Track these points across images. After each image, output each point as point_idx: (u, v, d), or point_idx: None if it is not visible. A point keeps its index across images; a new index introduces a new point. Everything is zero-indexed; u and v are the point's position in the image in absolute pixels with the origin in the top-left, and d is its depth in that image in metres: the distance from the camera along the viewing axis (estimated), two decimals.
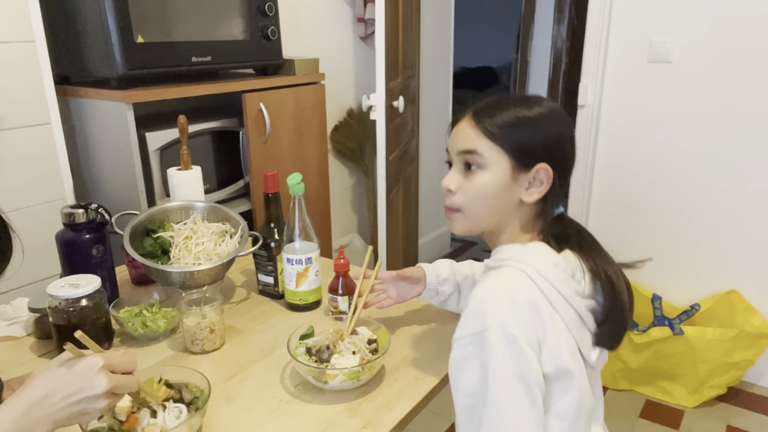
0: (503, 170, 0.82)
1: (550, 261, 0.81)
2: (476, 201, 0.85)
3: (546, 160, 0.82)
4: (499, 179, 0.83)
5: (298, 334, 1.03)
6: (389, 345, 0.98)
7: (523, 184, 0.83)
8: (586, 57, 2.35)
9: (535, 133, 0.83)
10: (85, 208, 1.15)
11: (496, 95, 0.89)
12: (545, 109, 0.84)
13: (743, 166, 2.14)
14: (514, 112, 0.83)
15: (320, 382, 0.95)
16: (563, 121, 0.86)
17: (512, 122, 0.83)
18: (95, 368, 0.69)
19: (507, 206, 0.85)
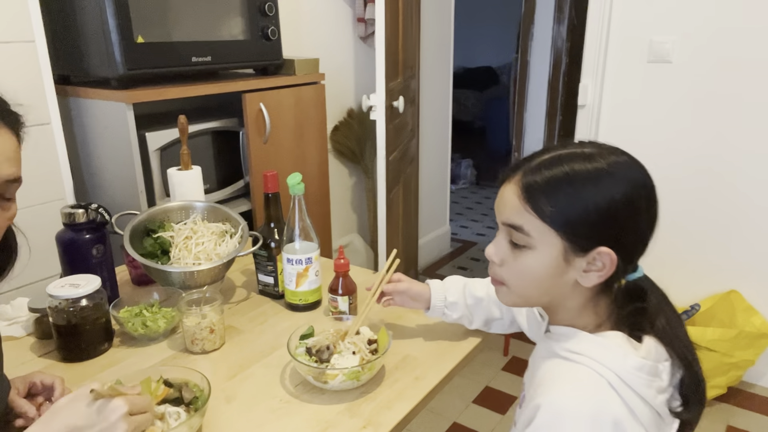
0: (554, 253, 0.72)
1: (633, 363, 0.69)
2: (522, 280, 0.76)
3: (607, 242, 0.70)
4: (548, 262, 0.72)
5: (298, 334, 1.03)
6: (389, 345, 0.98)
7: (580, 266, 0.72)
8: (586, 57, 2.35)
9: (594, 209, 0.69)
10: (85, 208, 1.15)
11: (549, 151, 0.75)
12: (609, 170, 0.70)
13: (743, 165, 2.14)
14: (567, 182, 0.70)
15: (320, 382, 0.95)
16: (634, 181, 0.71)
17: (565, 197, 0.70)
18: (118, 413, 0.72)
19: (561, 287, 0.74)
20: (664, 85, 2.22)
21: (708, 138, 2.18)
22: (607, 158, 0.72)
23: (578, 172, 0.71)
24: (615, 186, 0.70)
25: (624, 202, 0.70)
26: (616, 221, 0.70)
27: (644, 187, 0.72)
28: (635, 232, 0.72)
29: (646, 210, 0.72)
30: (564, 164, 0.71)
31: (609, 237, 0.70)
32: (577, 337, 0.73)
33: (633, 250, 0.73)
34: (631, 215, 0.71)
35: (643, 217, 0.72)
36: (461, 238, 3.95)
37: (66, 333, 1.03)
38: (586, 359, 0.70)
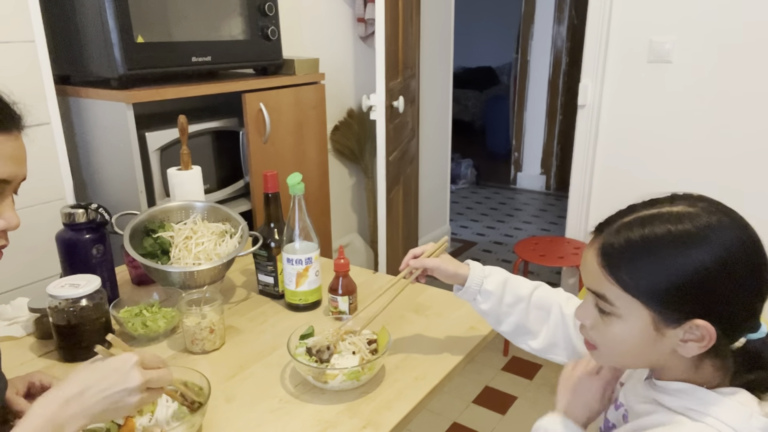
0: (643, 323, 0.66)
1: (758, 425, 0.63)
2: (614, 348, 0.71)
3: (702, 313, 0.63)
4: (638, 333, 0.67)
5: (298, 334, 1.03)
6: (389, 345, 0.98)
7: (675, 337, 0.66)
8: (586, 57, 2.35)
9: (681, 279, 0.63)
10: (85, 208, 1.15)
11: (635, 210, 0.68)
12: (698, 233, 0.63)
13: (743, 165, 2.14)
14: (648, 249, 0.64)
15: (320, 382, 0.95)
16: (730, 244, 0.63)
17: (647, 265, 0.64)
18: (129, 363, 0.72)
19: (660, 354, 0.68)
20: (664, 85, 2.22)
21: (708, 138, 2.18)
22: (698, 219, 0.65)
23: (661, 236, 0.64)
24: (705, 252, 0.63)
25: (718, 270, 0.63)
26: (710, 292, 0.63)
27: (745, 250, 0.64)
28: (736, 300, 0.64)
29: (750, 275, 0.64)
30: (646, 227, 0.66)
31: (703, 308, 0.64)
32: (696, 395, 0.67)
33: (735, 319, 0.65)
34: (729, 283, 0.63)
35: (746, 282, 0.64)
36: (461, 238, 3.95)
37: (66, 333, 1.03)
38: (708, 418, 0.64)
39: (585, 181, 2.48)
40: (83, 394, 0.69)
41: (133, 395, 0.71)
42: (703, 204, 0.67)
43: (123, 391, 0.70)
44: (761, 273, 0.65)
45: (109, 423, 0.81)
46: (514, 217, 4.40)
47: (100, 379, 0.70)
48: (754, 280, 0.65)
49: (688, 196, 0.69)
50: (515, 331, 0.98)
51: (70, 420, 0.67)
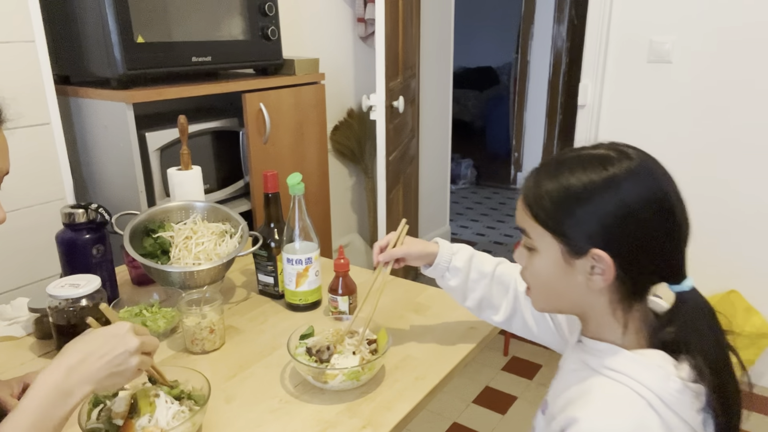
0: (554, 255, 0.72)
1: (675, 387, 0.67)
2: (537, 283, 0.77)
3: (603, 246, 0.68)
4: (552, 265, 0.72)
5: (298, 334, 1.03)
6: (389, 345, 0.98)
7: (583, 269, 0.70)
8: (586, 57, 2.35)
9: (581, 212, 0.68)
10: (85, 208, 1.15)
11: (560, 155, 0.74)
12: (605, 175, 0.68)
13: (743, 165, 2.14)
14: (561, 185, 0.70)
15: (320, 382, 0.95)
16: (635, 189, 0.68)
17: (557, 200, 0.70)
18: (125, 328, 0.75)
19: (576, 291, 0.72)
20: (664, 85, 2.22)
21: (708, 138, 2.18)
22: (609, 160, 0.69)
23: (569, 171, 0.70)
24: (607, 187, 0.68)
25: (616, 205, 0.67)
26: (608, 225, 0.68)
27: (650, 196, 0.68)
28: (638, 240, 0.68)
29: (658, 220, 0.68)
30: (559, 167, 0.71)
31: (603, 241, 0.68)
32: (616, 355, 0.71)
33: (638, 259, 0.69)
34: (627, 220, 0.67)
35: (649, 226, 0.68)
36: (461, 238, 3.95)
37: (66, 333, 1.03)
38: (625, 378, 0.68)
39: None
40: (85, 361, 0.70)
41: (134, 357, 0.74)
42: (621, 150, 0.71)
43: (124, 353, 0.73)
44: (671, 220, 0.69)
45: (108, 424, 0.81)
46: (514, 217, 4.38)
47: (100, 345, 0.72)
48: (662, 224, 0.68)
49: (615, 144, 0.73)
50: (479, 305, 1.03)
51: (77, 386, 0.69)
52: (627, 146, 0.73)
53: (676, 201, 0.70)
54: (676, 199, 0.70)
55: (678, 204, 0.70)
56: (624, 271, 0.69)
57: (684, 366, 0.69)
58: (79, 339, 0.74)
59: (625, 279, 0.69)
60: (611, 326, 0.73)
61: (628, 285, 0.70)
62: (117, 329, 0.75)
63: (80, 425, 0.80)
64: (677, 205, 0.70)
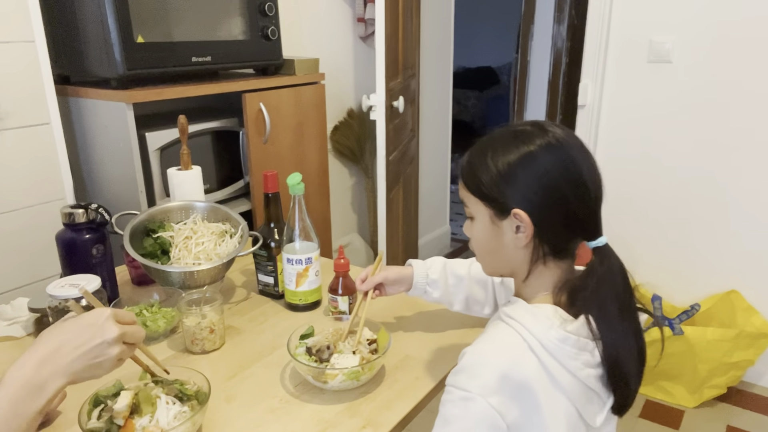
0: (486, 219, 0.81)
1: (556, 335, 0.74)
2: (479, 248, 0.86)
3: (521, 205, 0.77)
4: (484, 227, 0.82)
5: (298, 334, 1.03)
6: (389, 345, 0.98)
7: (509, 229, 0.79)
8: (586, 57, 2.35)
9: (497, 174, 0.78)
10: (85, 208, 1.15)
11: (491, 132, 0.84)
12: (525, 147, 0.77)
13: (743, 165, 2.14)
14: (482, 153, 0.80)
15: (320, 382, 0.95)
16: (550, 156, 0.77)
17: (478, 166, 0.80)
18: (104, 316, 0.70)
19: (508, 251, 0.81)
20: (664, 85, 2.22)
21: (708, 138, 2.18)
22: (527, 137, 0.78)
23: (492, 142, 0.81)
24: (526, 160, 0.77)
25: (533, 175, 0.76)
26: (526, 190, 0.77)
27: (561, 166, 0.77)
28: (551, 201, 0.76)
29: (569, 185, 0.76)
30: (487, 143, 0.81)
31: (522, 203, 0.77)
32: (515, 304, 0.80)
33: (552, 217, 0.77)
34: (543, 187, 0.76)
35: (561, 190, 0.76)
36: (461, 238, 3.95)
37: None
38: (515, 323, 0.77)
39: None
40: (58, 351, 0.66)
41: (113, 347, 0.69)
42: (544, 126, 0.80)
43: (101, 344, 0.68)
44: (576, 184, 0.77)
45: (109, 424, 0.81)
46: None
47: (75, 335, 0.68)
48: (569, 188, 0.76)
49: (538, 122, 0.82)
50: (466, 306, 1.10)
51: (49, 380, 0.64)
52: (549, 124, 0.82)
53: (586, 169, 0.78)
54: (587, 168, 0.78)
55: (589, 172, 0.78)
56: (541, 228, 0.77)
57: (577, 321, 0.77)
58: (55, 326, 0.69)
59: (543, 235, 0.78)
60: (529, 282, 0.82)
61: (548, 240, 0.79)
62: (95, 317, 0.70)
63: (80, 425, 0.80)
64: (587, 172, 0.78)
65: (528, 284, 0.83)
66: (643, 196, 2.36)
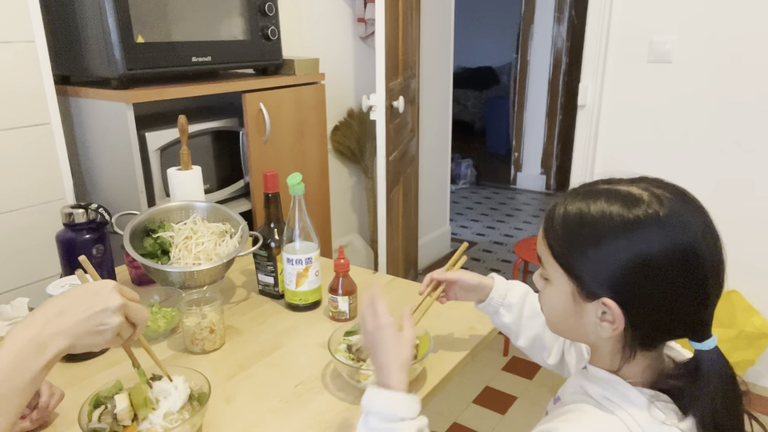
0: (565, 291, 0.68)
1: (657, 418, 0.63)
2: (549, 313, 0.75)
3: (613, 293, 0.63)
4: (562, 300, 0.69)
5: (342, 331, 1.03)
6: (428, 351, 0.96)
7: (593, 313, 0.66)
8: (586, 57, 2.35)
9: (597, 254, 0.63)
10: (85, 208, 1.15)
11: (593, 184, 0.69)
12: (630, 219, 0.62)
13: (743, 165, 2.14)
14: (579, 222, 0.65)
15: (354, 380, 0.95)
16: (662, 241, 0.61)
17: (572, 236, 0.66)
18: (108, 286, 0.72)
19: (587, 330, 0.68)
20: (664, 85, 2.22)
21: (708, 138, 2.18)
22: (634, 204, 0.63)
23: (594, 213, 0.65)
24: (626, 237, 0.62)
25: (634, 261, 0.62)
26: (621, 278, 0.63)
27: (674, 250, 0.61)
28: (653, 296, 0.63)
29: (680, 277, 0.62)
30: (587, 200, 0.66)
31: (614, 290, 0.63)
32: (618, 387, 0.67)
33: (652, 315, 0.64)
34: (646, 276, 0.62)
35: (669, 282, 0.62)
36: (461, 238, 3.95)
37: None
38: (619, 410, 0.64)
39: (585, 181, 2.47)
40: (63, 314, 0.68)
41: (115, 316, 0.70)
42: (659, 193, 0.64)
43: (105, 311, 0.70)
44: (696, 279, 0.62)
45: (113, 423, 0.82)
46: (514, 217, 4.40)
47: (80, 300, 0.69)
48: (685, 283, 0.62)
49: (655, 182, 0.67)
50: (532, 345, 0.98)
51: (52, 338, 0.66)
52: (668, 187, 0.67)
53: (707, 257, 0.62)
54: (707, 255, 0.62)
55: (709, 261, 0.63)
56: (634, 325, 0.64)
57: (688, 420, 0.64)
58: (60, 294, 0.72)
59: (635, 332, 0.65)
60: (617, 360, 0.69)
61: (639, 337, 0.66)
62: (100, 286, 0.72)
63: (81, 426, 0.80)
64: (707, 262, 0.62)
65: (611, 362, 0.70)
66: None
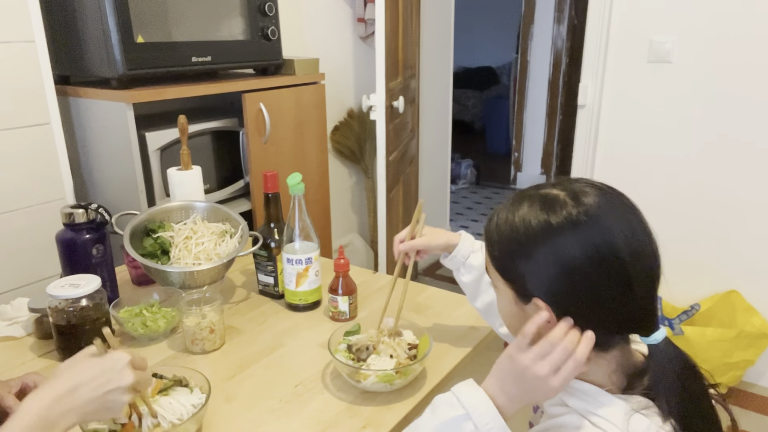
0: (508, 296, 0.70)
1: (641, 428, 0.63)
2: (501, 317, 0.76)
3: (544, 294, 0.65)
4: (508, 305, 0.71)
5: (342, 331, 1.04)
6: (428, 352, 0.96)
7: (533, 314, 0.68)
8: (586, 57, 2.35)
9: (526, 260, 0.65)
10: (85, 208, 1.15)
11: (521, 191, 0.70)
12: (546, 223, 0.64)
13: (743, 165, 2.14)
14: (507, 228, 0.67)
15: (354, 380, 0.95)
16: (577, 238, 0.62)
17: (501, 243, 0.68)
18: (123, 362, 0.72)
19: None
20: (664, 85, 2.22)
21: (708, 138, 2.18)
22: (552, 209, 0.64)
23: (517, 220, 0.67)
24: (550, 243, 0.63)
25: (557, 261, 0.63)
26: (549, 278, 0.64)
27: (592, 252, 0.62)
28: (580, 296, 0.64)
29: (602, 277, 0.63)
30: (513, 207, 0.68)
31: (544, 291, 0.65)
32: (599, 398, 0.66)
33: (583, 314, 0.64)
34: (570, 277, 0.63)
35: (593, 282, 0.63)
36: None
37: (66, 333, 1.03)
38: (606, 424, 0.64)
39: None
40: (76, 391, 0.67)
41: (126, 394, 0.71)
42: (579, 193, 0.65)
43: (117, 389, 0.70)
44: (613, 276, 0.62)
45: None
46: None
47: (93, 377, 0.69)
48: (604, 281, 0.63)
49: (576, 183, 0.67)
50: (487, 310, 1.02)
51: (62, 417, 0.66)
52: (587, 186, 0.67)
53: (629, 256, 0.62)
54: (629, 254, 0.62)
55: (633, 259, 0.63)
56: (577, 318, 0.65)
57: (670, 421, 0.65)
58: (76, 362, 0.71)
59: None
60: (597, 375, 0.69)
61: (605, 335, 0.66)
62: (115, 362, 0.71)
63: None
64: (631, 260, 0.62)
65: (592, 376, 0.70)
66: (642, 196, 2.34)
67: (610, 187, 0.68)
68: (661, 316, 2.26)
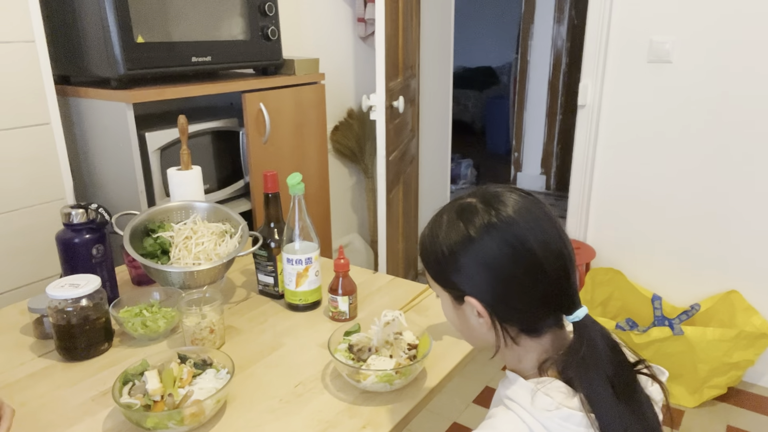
0: (448, 302, 0.77)
1: (561, 414, 0.67)
2: (451, 324, 0.81)
3: (472, 292, 0.72)
4: (450, 310, 0.78)
5: (342, 331, 1.04)
6: (428, 352, 0.96)
7: (471, 314, 0.75)
8: (586, 57, 2.35)
9: (451, 265, 0.73)
10: (85, 208, 1.15)
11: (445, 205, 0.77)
12: (465, 230, 0.71)
13: (743, 165, 2.14)
14: (432, 237, 0.75)
15: (354, 380, 0.95)
16: (493, 240, 0.70)
17: (430, 250, 0.76)
18: None
19: (478, 331, 0.76)
20: (664, 85, 2.22)
21: (708, 138, 2.18)
22: (467, 218, 0.72)
23: (437, 229, 0.75)
24: (467, 246, 0.71)
25: (478, 262, 0.71)
26: (474, 277, 0.72)
27: (507, 250, 0.70)
28: (503, 288, 0.71)
29: (519, 270, 0.70)
30: (436, 220, 0.76)
31: (473, 289, 0.72)
32: (515, 384, 0.73)
33: (509, 303, 0.72)
34: (491, 274, 0.71)
35: (511, 275, 0.70)
36: None
37: (66, 333, 1.03)
38: (516, 407, 0.70)
39: (585, 181, 2.48)
40: None
41: None
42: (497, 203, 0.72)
43: None
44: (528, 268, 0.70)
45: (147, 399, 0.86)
46: None
47: None
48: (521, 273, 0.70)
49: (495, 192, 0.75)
50: None
51: None
52: (500, 193, 0.74)
53: (539, 247, 0.70)
54: (540, 245, 0.70)
55: (543, 249, 0.70)
56: (499, 314, 0.73)
57: (579, 395, 0.69)
58: None
59: (505, 319, 0.73)
60: (513, 357, 0.77)
61: (513, 323, 0.73)
62: None
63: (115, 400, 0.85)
64: (541, 250, 0.70)
65: (510, 359, 0.77)
66: (642, 196, 2.36)
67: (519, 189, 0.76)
68: (661, 316, 2.26)
